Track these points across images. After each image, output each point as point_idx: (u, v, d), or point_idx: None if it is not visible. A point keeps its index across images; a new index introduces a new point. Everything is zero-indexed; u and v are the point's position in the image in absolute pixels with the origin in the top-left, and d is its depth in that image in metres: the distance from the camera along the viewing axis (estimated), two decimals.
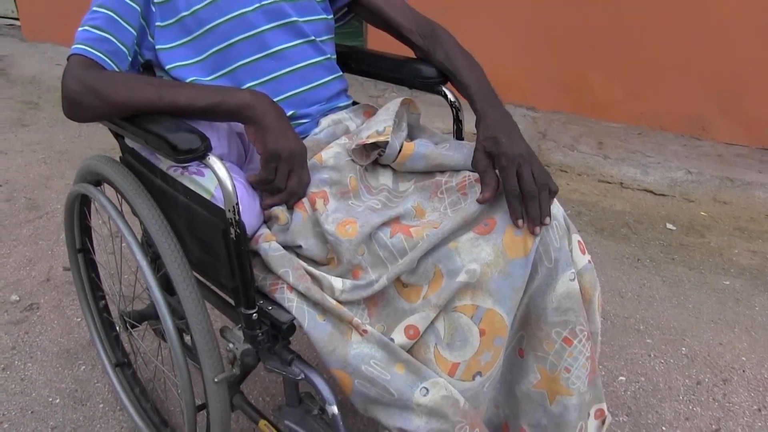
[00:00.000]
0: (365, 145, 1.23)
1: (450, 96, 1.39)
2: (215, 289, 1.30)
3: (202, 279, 1.27)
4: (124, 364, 1.70)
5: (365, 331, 1.06)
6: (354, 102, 1.43)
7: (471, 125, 1.21)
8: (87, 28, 1.18)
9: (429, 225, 1.09)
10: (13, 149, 3.35)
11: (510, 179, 1.08)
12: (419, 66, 1.38)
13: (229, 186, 1.01)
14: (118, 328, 1.71)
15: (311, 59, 1.32)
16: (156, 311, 1.21)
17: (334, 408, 1.09)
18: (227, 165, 1.05)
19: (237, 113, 1.13)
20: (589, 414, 1.20)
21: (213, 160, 1.03)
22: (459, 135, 1.43)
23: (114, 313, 1.69)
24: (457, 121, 1.42)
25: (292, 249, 1.16)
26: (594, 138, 3.20)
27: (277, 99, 1.25)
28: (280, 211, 1.17)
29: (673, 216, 2.65)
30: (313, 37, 1.33)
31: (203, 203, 1.12)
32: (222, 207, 1.04)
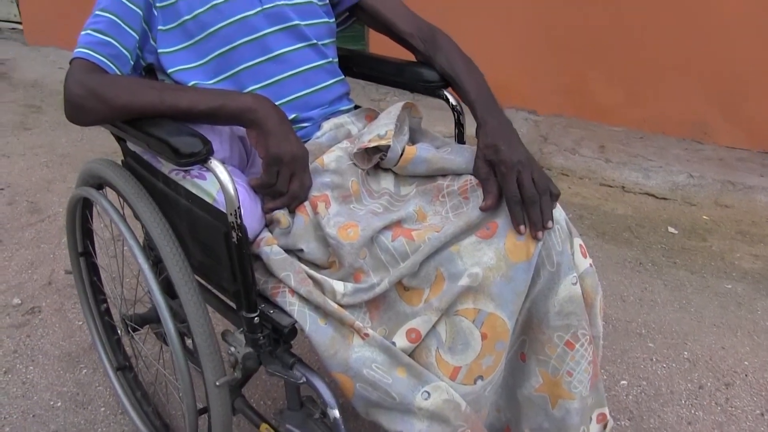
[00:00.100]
0: (367, 149, 1.23)
1: (451, 100, 1.39)
2: (217, 293, 1.30)
3: (203, 282, 1.27)
4: (125, 367, 1.69)
5: (367, 335, 1.06)
6: (356, 106, 1.43)
7: (472, 129, 1.21)
8: (89, 31, 1.18)
9: (431, 229, 1.09)
10: (16, 152, 3.35)
11: (510, 186, 1.08)
12: (421, 70, 1.38)
13: (231, 189, 1.01)
14: (119, 331, 1.71)
15: (313, 62, 1.32)
16: (157, 315, 1.21)
17: (335, 412, 1.09)
18: (229, 168, 1.05)
19: (239, 117, 1.14)
20: (591, 418, 1.20)
21: (215, 163, 1.04)
22: (460, 139, 1.43)
23: (115, 317, 1.69)
24: (459, 125, 1.42)
25: (293, 252, 1.16)
26: (595, 142, 3.19)
27: (279, 102, 1.25)
28: (281, 215, 1.17)
29: (675, 220, 2.65)
30: (315, 41, 1.33)
31: (205, 207, 1.12)
32: (224, 210, 1.04)
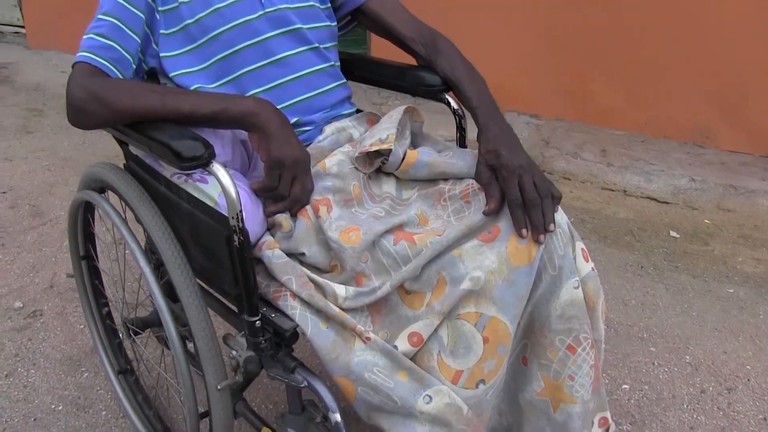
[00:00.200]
0: (368, 153, 1.23)
1: (453, 104, 1.39)
2: (218, 297, 1.30)
3: (205, 286, 1.27)
4: (126, 371, 1.69)
5: (368, 339, 1.06)
6: (358, 110, 1.43)
7: (474, 133, 1.21)
8: (92, 35, 1.18)
9: (432, 232, 1.09)
10: (18, 156, 3.36)
11: (512, 189, 1.08)
12: (422, 74, 1.38)
13: (233, 193, 1.01)
14: (121, 335, 1.71)
15: (315, 66, 1.33)
16: (159, 318, 1.21)
17: (337, 416, 1.09)
18: (231, 172, 1.05)
19: (240, 120, 1.14)
20: (593, 422, 1.20)
21: (217, 167, 1.04)
22: (462, 143, 1.43)
23: (117, 320, 1.69)
24: (460, 129, 1.42)
25: (295, 256, 1.15)
26: (597, 146, 3.19)
27: (281, 106, 1.25)
28: (283, 219, 1.17)
29: (677, 224, 2.64)
30: (317, 44, 1.33)
31: (207, 210, 1.12)
32: (225, 214, 1.04)
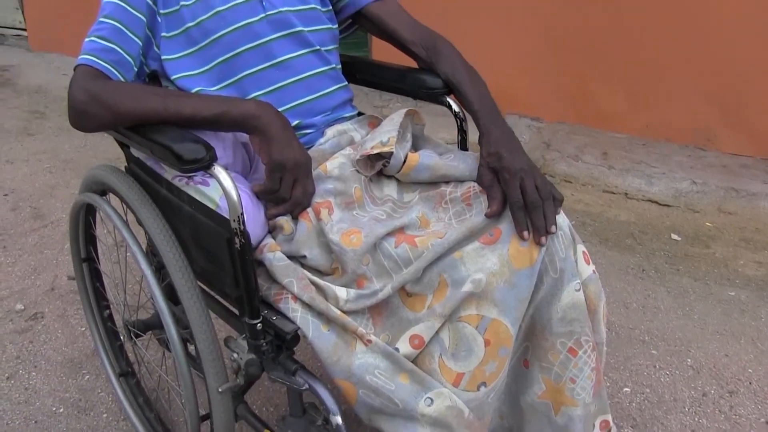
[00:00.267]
0: (370, 156, 1.23)
1: (454, 107, 1.39)
2: (220, 299, 1.30)
3: (206, 289, 1.27)
4: (128, 373, 1.69)
5: (370, 341, 1.06)
6: (359, 113, 1.43)
7: (475, 136, 1.21)
8: (93, 38, 1.18)
9: (434, 235, 1.09)
10: (19, 158, 3.36)
11: (513, 192, 1.08)
12: (424, 76, 1.38)
13: (234, 196, 1.01)
14: (122, 337, 1.71)
15: (316, 69, 1.33)
16: (160, 321, 1.21)
17: (338, 418, 1.09)
18: (232, 175, 1.05)
19: (242, 123, 1.14)
20: (594, 425, 1.20)
21: (218, 170, 1.04)
22: (463, 145, 1.43)
23: (118, 323, 1.69)
24: (462, 132, 1.43)
25: (296, 259, 1.16)
26: (598, 148, 3.19)
27: (283, 109, 1.25)
28: (284, 221, 1.17)
29: (678, 226, 2.64)
30: (319, 47, 1.33)
31: (208, 213, 1.12)
32: (227, 217, 1.04)
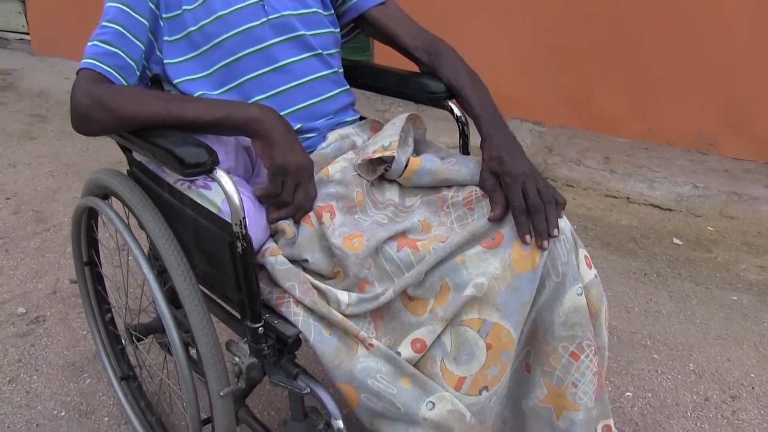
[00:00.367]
0: (371, 160, 1.23)
1: (456, 111, 1.39)
2: (221, 303, 1.30)
3: (208, 292, 1.27)
4: (129, 377, 1.69)
5: (371, 345, 1.06)
6: (361, 117, 1.43)
7: (477, 140, 1.22)
8: (96, 42, 1.19)
9: (436, 239, 1.09)
10: (21, 162, 3.37)
11: (515, 196, 1.08)
12: (425, 81, 1.38)
13: (236, 200, 1.02)
14: (123, 341, 1.71)
15: (318, 73, 1.33)
16: (162, 324, 1.21)
17: (339, 422, 1.09)
18: (234, 179, 1.05)
19: (244, 127, 1.14)
20: (596, 430, 1.19)
21: (220, 173, 1.04)
22: (465, 150, 1.43)
23: (120, 326, 1.69)
24: (463, 136, 1.43)
25: (298, 263, 1.16)
26: (600, 153, 3.19)
27: (285, 113, 1.25)
28: (286, 225, 1.17)
29: (680, 231, 2.64)
30: (320, 51, 1.33)
31: (210, 217, 1.12)
32: (229, 221, 1.04)
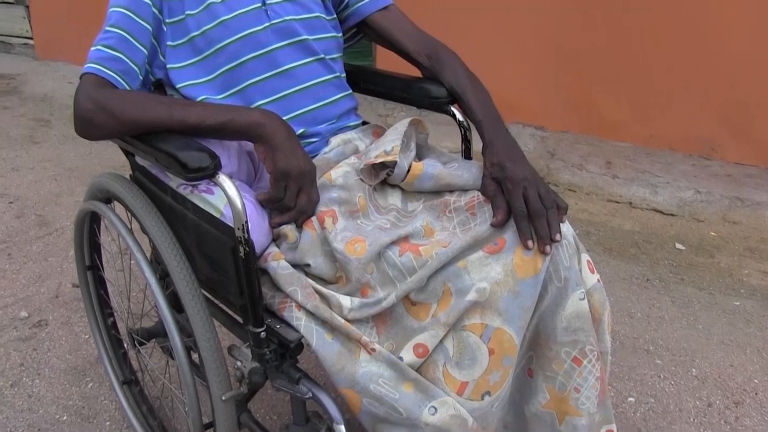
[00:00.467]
0: (374, 165, 1.23)
1: (458, 116, 1.39)
2: (223, 307, 1.30)
3: (210, 297, 1.27)
4: (131, 381, 1.69)
5: (373, 350, 1.06)
6: (363, 122, 1.44)
7: (479, 145, 1.22)
8: (99, 47, 1.19)
9: (438, 244, 1.09)
10: (25, 166, 3.37)
11: (517, 201, 1.08)
12: (428, 86, 1.38)
13: (239, 204, 1.02)
14: (126, 345, 1.71)
15: (321, 77, 1.33)
16: (164, 329, 1.22)
17: (341, 427, 1.09)
18: (237, 183, 1.05)
19: (246, 132, 1.14)
20: None
21: (223, 178, 1.04)
22: (467, 154, 1.43)
23: (122, 330, 1.69)
24: (466, 141, 1.43)
25: (300, 267, 1.16)
26: (602, 158, 3.19)
27: (287, 117, 1.25)
28: (289, 230, 1.17)
29: (683, 236, 2.64)
30: (323, 55, 1.34)
31: (212, 221, 1.12)
32: (231, 225, 1.04)
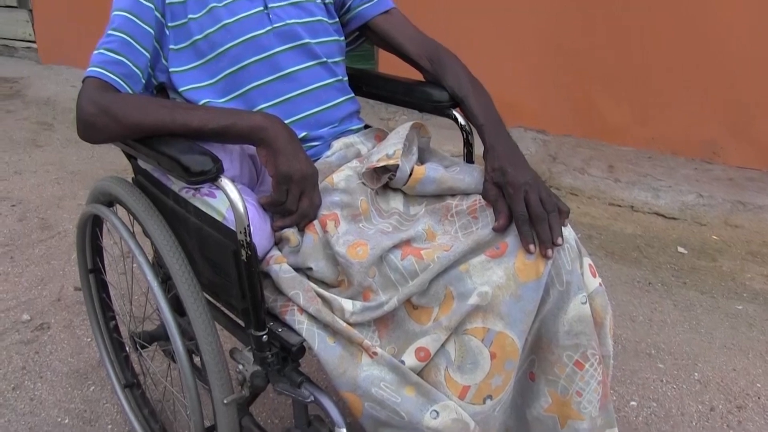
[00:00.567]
0: (376, 169, 1.23)
1: (460, 120, 1.39)
2: (225, 311, 1.30)
3: (212, 300, 1.27)
4: (133, 384, 1.69)
5: (375, 354, 1.06)
6: (365, 125, 1.44)
7: (481, 149, 1.22)
8: (102, 51, 1.19)
9: (440, 248, 1.09)
10: (27, 169, 3.38)
11: (518, 205, 1.08)
12: (430, 89, 1.38)
13: (241, 208, 1.02)
14: (128, 348, 1.71)
15: (323, 81, 1.33)
16: (166, 332, 1.21)
17: (343, 431, 1.08)
18: (239, 187, 1.05)
19: (249, 135, 1.14)
20: None
21: (225, 182, 1.04)
22: (469, 158, 1.43)
23: (124, 334, 1.69)
24: (468, 145, 1.43)
25: (302, 271, 1.16)
26: (605, 161, 3.19)
27: (290, 120, 1.26)
28: (291, 233, 1.17)
29: (685, 240, 2.63)
30: (325, 59, 1.34)
31: (215, 225, 1.12)
32: (233, 229, 1.04)
